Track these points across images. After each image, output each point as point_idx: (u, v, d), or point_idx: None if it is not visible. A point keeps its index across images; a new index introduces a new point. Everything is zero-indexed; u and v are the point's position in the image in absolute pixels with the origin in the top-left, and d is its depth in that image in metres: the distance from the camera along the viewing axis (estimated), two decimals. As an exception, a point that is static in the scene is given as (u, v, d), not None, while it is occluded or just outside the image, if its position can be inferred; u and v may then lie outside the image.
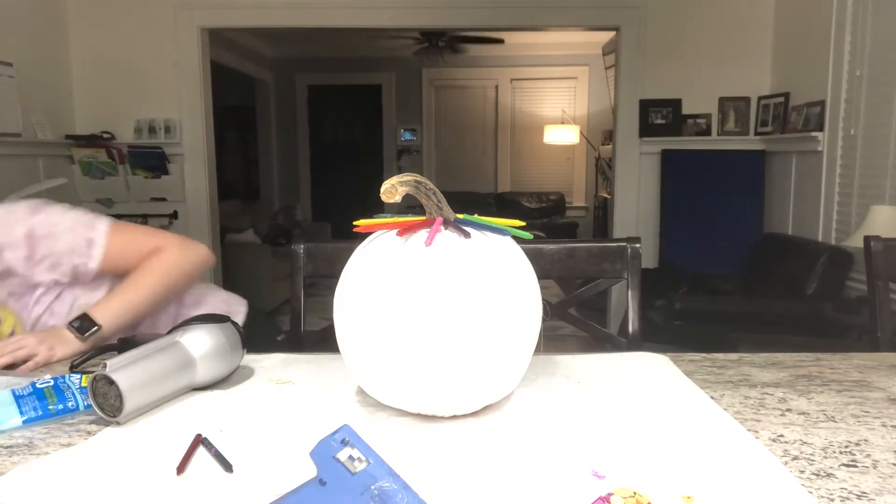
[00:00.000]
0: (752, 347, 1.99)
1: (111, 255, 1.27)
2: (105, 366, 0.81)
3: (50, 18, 3.88)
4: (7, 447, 0.77)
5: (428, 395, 0.79)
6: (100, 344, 1.17)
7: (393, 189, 0.81)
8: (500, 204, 7.28)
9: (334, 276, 0.93)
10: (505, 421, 0.83)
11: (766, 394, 0.93)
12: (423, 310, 0.76)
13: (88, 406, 0.86)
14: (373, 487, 0.55)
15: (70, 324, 1.17)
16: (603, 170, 6.68)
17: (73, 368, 1.02)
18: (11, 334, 1.22)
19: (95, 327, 1.18)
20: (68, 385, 0.87)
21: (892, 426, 0.81)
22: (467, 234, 0.81)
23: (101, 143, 4.00)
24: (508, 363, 0.82)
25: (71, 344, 1.15)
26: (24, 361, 1.09)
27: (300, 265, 1.41)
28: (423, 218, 0.84)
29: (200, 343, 0.93)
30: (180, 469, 0.69)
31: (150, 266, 1.27)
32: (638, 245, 1.37)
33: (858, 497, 0.63)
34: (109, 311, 1.21)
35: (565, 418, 0.83)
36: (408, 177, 0.82)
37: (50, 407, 0.84)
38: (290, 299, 1.47)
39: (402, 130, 7.56)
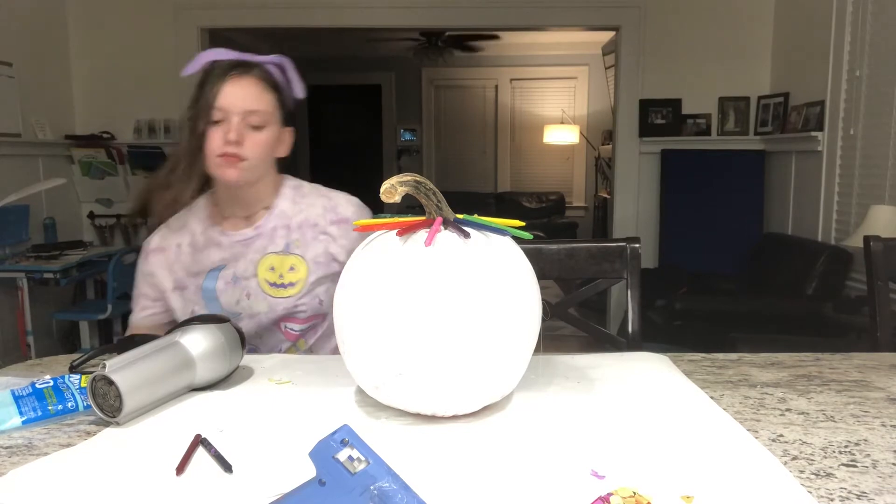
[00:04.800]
0: (752, 347, 1.99)
1: None
2: (104, 366, 0.81)
3: (50, 18, 3.88)
4: (6, 448, 0.77)
5: (428, 395, 0.79)
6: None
7: (393, 189, 0.81)
8: (500, 204, 7.28)
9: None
10: (505, 421, 0.83)
11: (766, 394, 0.93)
12: (422, 310, 0.76)
13: (88, 406, 0.86)
14: (372, 488, 0.55)
15: None
16: (603, 170, 6.68)
17: (73, 369, 1.02)
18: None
19: None
20: (68, 385, 0.87)
21: (891, 426, 0.81)
22: (467, 235, 0.81)
23: (101, 143, 4.01)
24: (508, 363, 0.82)
25: None
26: None
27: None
28: (422, 218, 0.84)
29: (200, 343, 0.93)
30: (180, 469, 0.69)
31: None
32: (637, 245, 1.37)
33: (858, 497, 0.63)
34: None
35: (565, 418, 0.83)
36: (407, 177, 0.82)
37: (49, 407, 0.84)
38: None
39: (402, 130, 7.56)
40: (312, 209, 1.30)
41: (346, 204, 1.31)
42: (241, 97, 1.19)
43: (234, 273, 1.27)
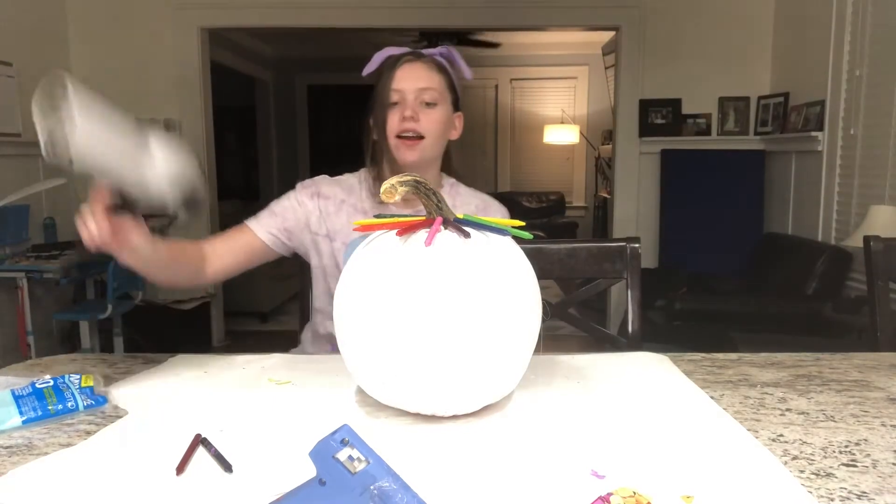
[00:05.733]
0: (752, 347, 1.99)
1: None
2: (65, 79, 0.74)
3: (50, 18, 3.88)
4: (6, 447, 0.77)
5: (428, 395, 0.79)
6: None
7: (393, 189, 0.81)
8: (500, 204, 7.27)
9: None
10: (505, 421, 0.83)
11: (766, 394, 0.93)
12: (422, 310, 0.76)
13: (88, 406, 0.86)
14: (372, 487, 0.55)
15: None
16: (603, 170, 6.68)
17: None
18: None
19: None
20: (68, 385, 0.87)
21: (891, 426, 0.81)
22: (467, 234, 0.81)
23: (101, 143, 4.00)
24: (508, 363, 0.82)
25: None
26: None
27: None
28: (422, 218, 0.84)
29: (168, 147, 0.88)
30: (180, 469, 0.69)
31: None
32: (637, 245, 1.37)
33: (858, 497, 0.63)
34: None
35: (565, 418, 0.83)
36: (407, 177, 0.82)
37: (49, 407, 0.84)
38: (299, 296, 1.48)
39: (402, 130, 7.54)
40: (466, 207, 1.35)
41: (497, 208, 1.37)
42: (413, 77, 1.27)
43: None
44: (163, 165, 0.87)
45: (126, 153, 0.83)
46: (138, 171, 0.86)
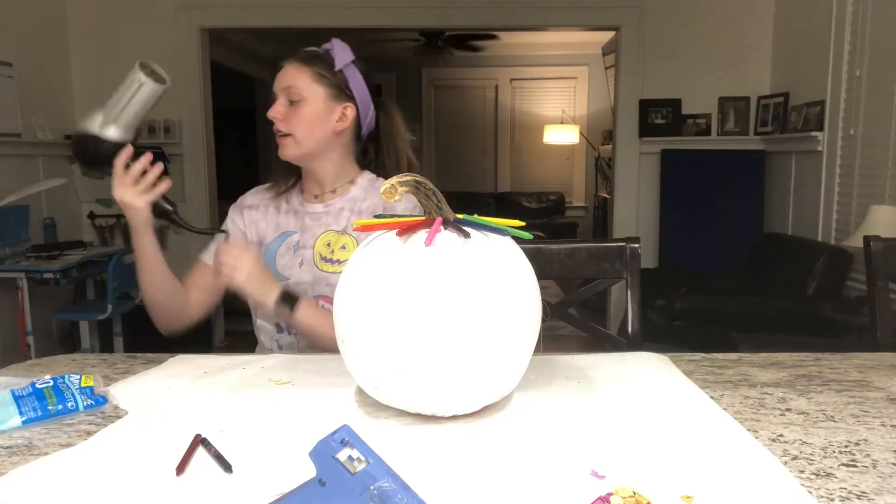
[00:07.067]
0: (752, 347, 1.99)
1: None
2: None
3: (50, 18, 3.88)
4: (6, 447, 0.77)
5: (428, 395, 0.79)
6: (270, 317, 1.33)
7: (393, 189, 0.80)
8: (500, 204, 7.28)
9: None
10: (505, 421, 0.83)
11: (766, 394, 0.93)
12: (422, 310, 0.76)
13: (88, 406, 0.86)
14: (372, 488, 0.55)
15: (284, 290, 1.23)
16: (603, 170, 6.68)
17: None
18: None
19: (290, 308, 1.22)
20: (68, 385, 0.87)
21: (891, 426, 0.81)
22: (467, 235, 0.81)
23: (101, 143, 4.00)
24: (508, 363, 0.82)
25: (263, 294, 1.22)
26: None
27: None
28: (422, 218, 0.84)
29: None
30: (180, 469, 0.69)
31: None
32: (637, 245, 1.37)
33: (858, 497, 0.63)
34: (311, 313, 1.25)
35: (565, 418, 0.83)
36: (407, 177, 0.82)
37: (49, 407, 0.84)
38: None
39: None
40: (379, 199, 1.36)
41: (405, 200, 1.36)
42: (281, 78, 1.32)
43: (298, 241, 1.36)
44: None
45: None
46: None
